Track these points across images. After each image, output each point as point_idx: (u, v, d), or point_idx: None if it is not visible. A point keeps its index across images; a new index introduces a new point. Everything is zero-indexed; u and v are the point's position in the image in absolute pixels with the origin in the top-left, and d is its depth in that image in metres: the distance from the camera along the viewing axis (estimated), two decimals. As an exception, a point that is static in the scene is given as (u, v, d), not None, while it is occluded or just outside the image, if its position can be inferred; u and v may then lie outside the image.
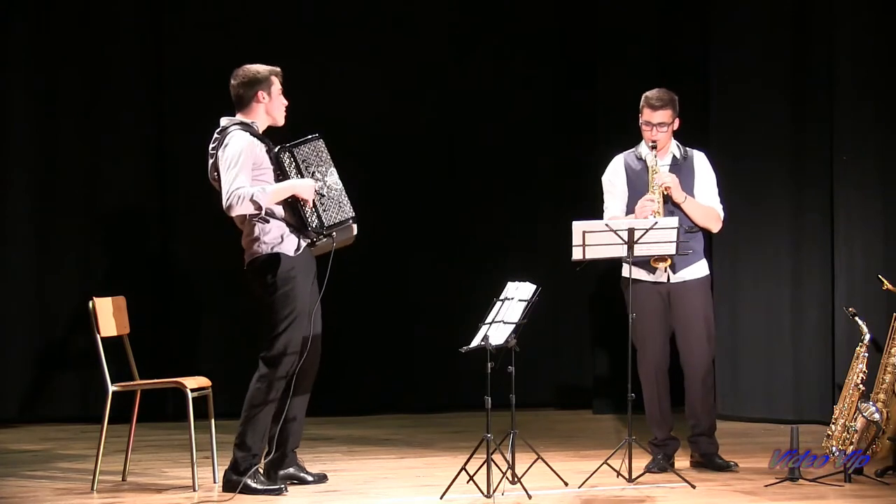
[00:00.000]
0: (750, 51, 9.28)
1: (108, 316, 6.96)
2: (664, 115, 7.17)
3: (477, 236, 9.92)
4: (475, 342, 6.51)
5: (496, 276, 6.93)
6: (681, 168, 7.25)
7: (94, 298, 6.92)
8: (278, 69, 6.71)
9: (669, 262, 7.10)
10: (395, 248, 9.77)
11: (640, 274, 7.20)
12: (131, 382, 6.99)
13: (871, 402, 7.32)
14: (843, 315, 8.14)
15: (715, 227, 7.29)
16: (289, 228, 6.57)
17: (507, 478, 6.62)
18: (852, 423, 7.33)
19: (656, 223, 6.93)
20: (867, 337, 7.43)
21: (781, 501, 6.53)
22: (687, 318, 7.22)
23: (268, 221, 6.54)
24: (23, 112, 9.30)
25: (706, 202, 7.24)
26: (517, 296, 6.59)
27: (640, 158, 7.27)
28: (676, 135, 7.32)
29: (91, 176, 9.40)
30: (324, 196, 6.58)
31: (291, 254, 6.56)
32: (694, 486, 6.80)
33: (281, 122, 6.72)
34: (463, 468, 6.50)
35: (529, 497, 6.48)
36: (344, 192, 6.66)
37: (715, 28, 9.51)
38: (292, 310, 6.55)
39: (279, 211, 6.56)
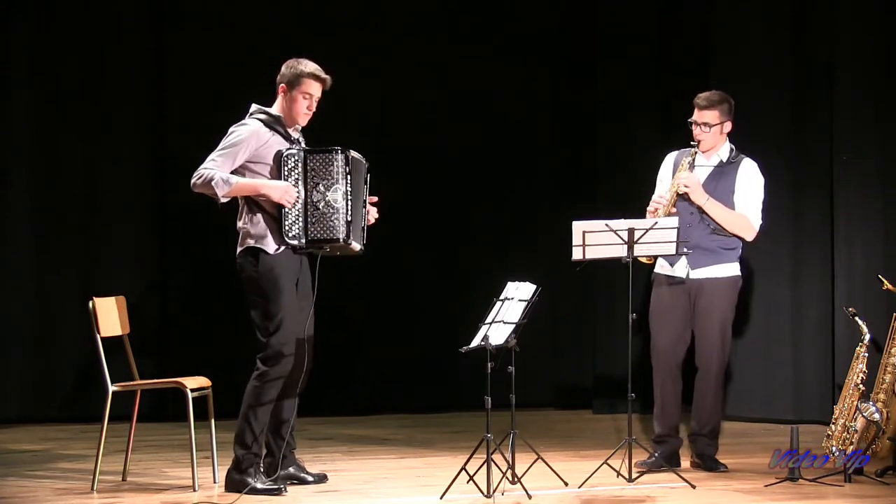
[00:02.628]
0: (750, 51, 9.28)
1: (108, 316, 6.95)
2: (708, 116, 7.21)
3: (477, 236, 9.92)
4: (475, 342, 6.51)
5: (496, 276, 6.93)
6: (722, 172, 7.24)
7: (94, 298, 6.92)
8: (322, 77, 6.64)
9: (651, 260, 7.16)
10: (395, 248, 9.76)
11: (662, 268, 7.23)
12: (131, 382, 6.98)
13: (871, 402, 7.32)
14: (843, 315, 8.14)
15: (746, 235, 7.23)
16: (273, 226, 6.54)
17: (507, 478, 6.63)
18: (852, 423, 7.33)
19: (656, 223, 6.93)
20: (867, 337, 7.42)
21: (781, 501, 6.52)
22: (702, 317, 7.23)
23: (256, 216, 6.53)
24: (23, 112, 9.29)
25: (739, 209, 7.23)
26: (517, 296, 6.59)
27: (688, 156, 7.30)
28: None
29: (91, 176, 9.40)
30: (317, 209, 6.52)
31: (271, 252, 6.53)
32: (694, 486, 6.80)
33: (300, 123, 6.70)
34: (463, 468, 6.50)
35: (529, 497, 6.48)
36: (345, 213, 6.55)
37: (715, 28, 9.51)
38: (280, 309, 6.53)
39: (267, 206, 6.54)
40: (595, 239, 6.88)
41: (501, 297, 6.55)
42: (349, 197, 6.59)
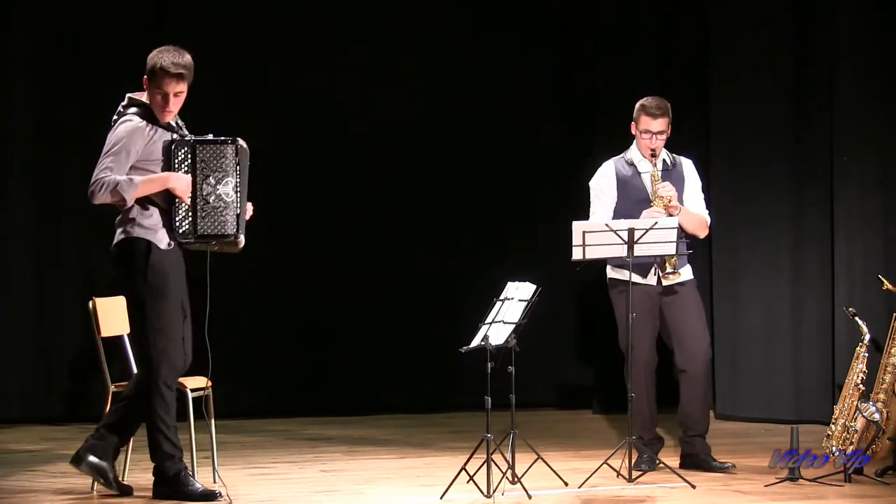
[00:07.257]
0: (751, 49, 9.28)
1: (108, 316, 6.95)
2: (663, 123, 7.19)
3: (477, 236, 9.92)
4: (475, 342, 6.51)
5: (496, 276, 6.93)
6: (671, 175, 7.27)
7: (94, 298, 6.91)
8: (175, 73, 6.38)
9: (674, 277, 7.14)
10: (395, 248, 9.77)
11: (624, 275, 7.16)
12: (131, 382, 6.98)
13: (871, 402, 7.32)
14: (843, 315, 8.14)
15: (702, 233, 7.34)
16: (165, 221, 6.34)
17: (507, 478, 6.63)
18: (852, 423, 7.33)
19: (656, 223, 6.93)
20: (867, 337, 7.42)
21: (781, 501, 6.52)
22: (686, 319, 7.23)
23: (148, 208, 6.31)
24: (22, 111, 9.28)
25: (694, 209, 7.26)
26: (517, 296, 6.59)
27: (630, 164, 7.28)
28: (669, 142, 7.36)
29: (91, 176, 9.37)
30: (208, 203, 6.29)
31: (163, 247, 6.35)
32: (694, 486, 6.80)
33: (164, 120, 6.39)
34: (463, 468, 6.50)
35: (529, 497, 6.48)
36: (235, 207, 6.33)
37: (715, 26, 9.50)
38: (165, 306, 6.34)
39: (158, 199, 6.31)
40: (595, 239, 6.88)
41: (501, 297, 6.55)
42: (238, 189, 6.35)
